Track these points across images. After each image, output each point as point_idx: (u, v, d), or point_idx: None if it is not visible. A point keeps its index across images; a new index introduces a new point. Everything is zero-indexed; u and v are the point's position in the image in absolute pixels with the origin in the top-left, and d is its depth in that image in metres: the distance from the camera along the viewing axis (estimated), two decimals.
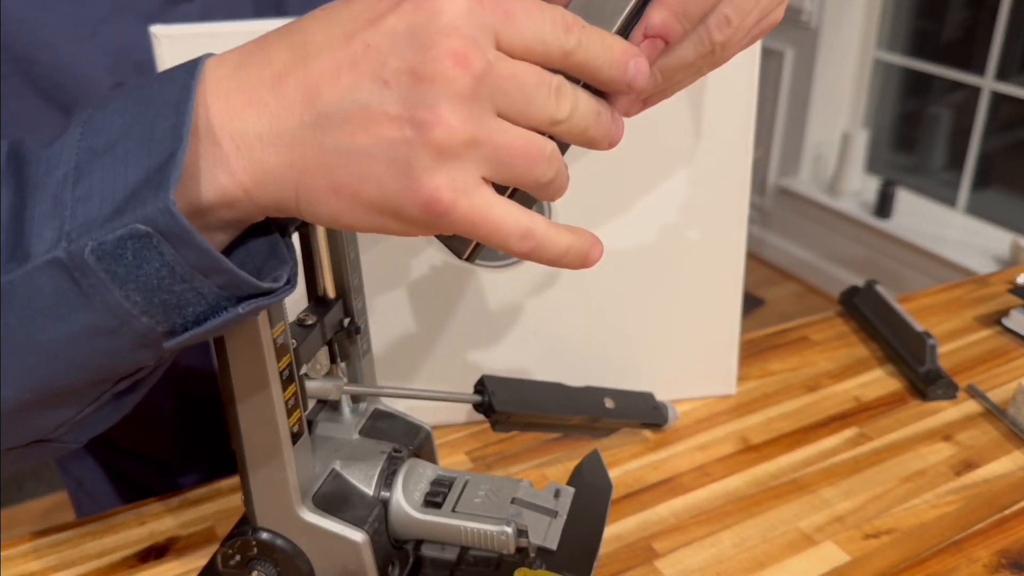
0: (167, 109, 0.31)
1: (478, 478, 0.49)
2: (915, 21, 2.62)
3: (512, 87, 0.32)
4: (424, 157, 0.31)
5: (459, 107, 0.31)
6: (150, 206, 0.30)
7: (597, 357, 0.68)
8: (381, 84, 0.31)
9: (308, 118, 0.32)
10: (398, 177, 0.32)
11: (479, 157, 0.32)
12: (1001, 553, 0.56)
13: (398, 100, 0.31)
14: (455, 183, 0.32)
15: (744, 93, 0.60)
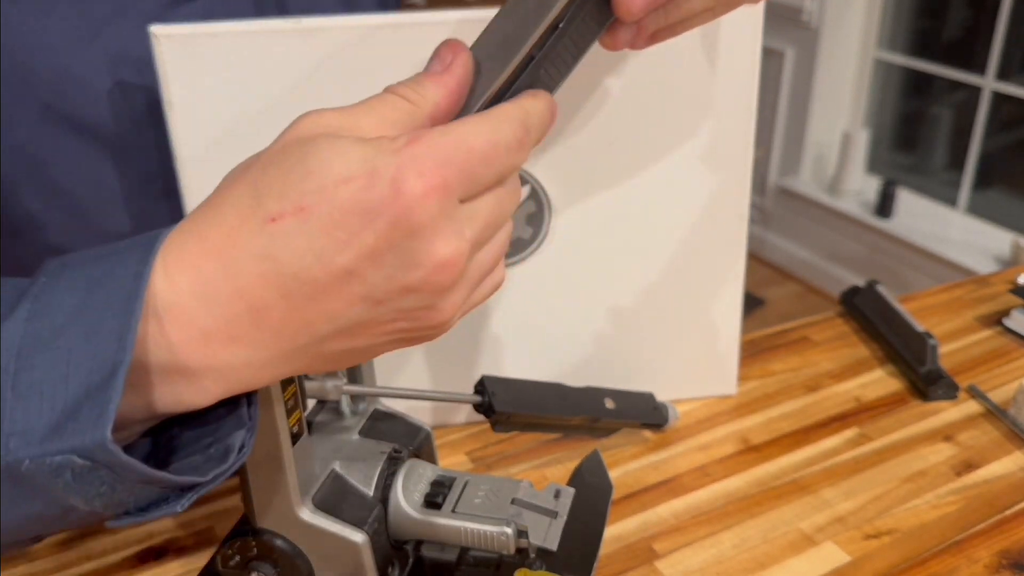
0: (117, 300, 0.30)
1: (478, 479, 0.49)
2: (916, 21, 2.62)
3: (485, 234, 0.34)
4: (425, 334, 0.34)
5: (453, 294, 0.33)
6: (87, 437, 0.29)
7: (597, 357, 0.68)
8: (373, 303, 0.31)
9: (301, 342, 0.32)
10: (401, 346, 0.34)
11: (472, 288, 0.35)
12: (1002, 554, 0.56)
13: (392, 311, 0.32)
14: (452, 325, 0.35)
15: (744, 93, 0.60)
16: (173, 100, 0.54)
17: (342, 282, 0.30)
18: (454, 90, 0.35)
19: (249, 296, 0.31)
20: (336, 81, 0.55)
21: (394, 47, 0.55)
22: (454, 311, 0.33)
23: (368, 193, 0.30)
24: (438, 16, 0.55)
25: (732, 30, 0.58)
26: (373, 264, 0.30)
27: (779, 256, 2.89)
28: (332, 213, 0.30)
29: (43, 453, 0.29)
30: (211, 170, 0.56)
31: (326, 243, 0.30)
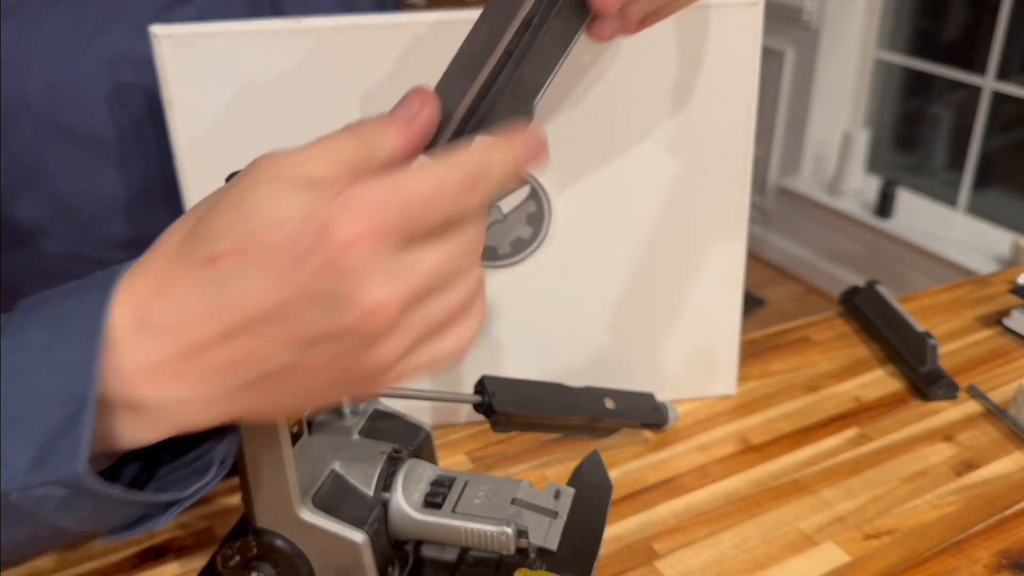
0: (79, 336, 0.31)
1: (478, 479, 0.49)
2: (916, 21, 2.62)
3: (430, 283, 0.32)
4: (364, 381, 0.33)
5: (387, 341, 0.32)
6: (66, 470, 0.31)
7: (597, 357, 0.68)
8: (303, 345, 0.31)
9: (238, 382, 0.32)
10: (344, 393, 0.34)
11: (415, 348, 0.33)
12: (1002, 554, 0.56)
13: (325, 355, 0.31)
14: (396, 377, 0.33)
15: (744, 93, 0.60)
16: (173, 100, 0.54)
17: (273, 323, 0.31)
18: (414, 140, 0.35)
19: (187, 334, 0.31)
20: (336, 81, 0.55)
21: (394, 47, 0.55)
22: (390, 361, 0.32)
23: (300, 237, 0.30)
24: (438, 16, 0.55)
25: (732, 30, 0.58)
26: (303, 306, 0.31)
27: (779, 256, 2.90)
28: (265, 255, 0.30)
29: (27, 485, 0.31)
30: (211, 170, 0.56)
31: (259, 284, 0.31)
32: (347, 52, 0.55)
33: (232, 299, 0.31)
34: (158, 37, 0.52)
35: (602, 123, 0.60)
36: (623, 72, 0.58)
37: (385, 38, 0.55)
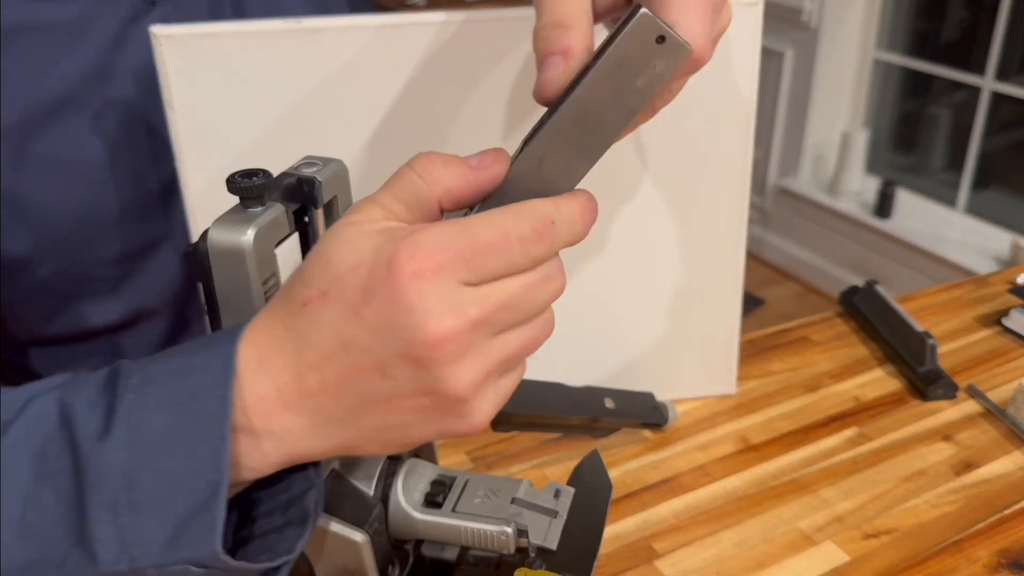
0: (207, 423, 0.34)
1: (478, 478, 0.49)
2: (915, 21, 2.62)
3: (502, 315, 0.35)
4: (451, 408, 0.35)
5: (458, 369, 0.34)
6: (201, 551, 0.33)
7: (597, 357, 0.68)
8: (387, 377, 0.34)
9: (338, 412, 0.35)
10: (436, 424, 0.36)
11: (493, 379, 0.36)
12: (1001, 553, 0.56)
13: (407, 384, 0.34)
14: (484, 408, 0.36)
15: (744, 93, 0.60)
16: (173, 100, 0.54)
17: (354, 353, 0.34)
18: (471, 185, 0.37)
19: (292, 368, 0.35)
20: (336, 81, 0.55)
21: (394, 47, 0.55)
22: (469, 388, 0.34)
23: (370, 277, 0.34)
24: (438, 16, 0.55)
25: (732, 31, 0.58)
26: (377, 338, 0.34)
27: (778, 256, 2.90)
28: (345, 296, 0.34)
29: (163, 562, 0.34)
30: (211, 170, 0.56)
31: (340, 321, 0.34)
32: (347, 52, 0.55)
33: (320, 335, 0.34)
34: (158, 37, 0.52)
35: None
36: None
37: (385, 38, 0.55)
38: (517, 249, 0.35)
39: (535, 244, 0.35)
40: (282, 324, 0.35)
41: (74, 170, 0.58)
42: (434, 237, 0.34)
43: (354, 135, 0.57)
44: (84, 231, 0.60)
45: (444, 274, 0.33)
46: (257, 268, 0.39)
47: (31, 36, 0.54)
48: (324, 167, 0.45)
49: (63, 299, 0.62)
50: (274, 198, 0.42)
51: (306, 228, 0.47)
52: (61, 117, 0.56)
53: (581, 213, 0.37)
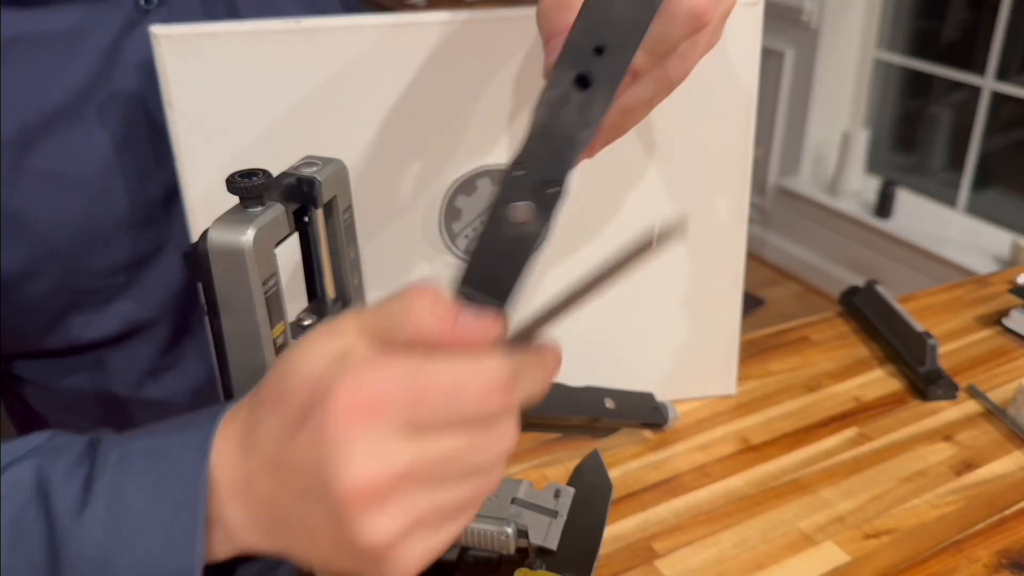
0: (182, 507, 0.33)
1: None
2: (915, 21, 2.62)
3: (437, 472, 0.32)
4: (368, 560, 0.32)
5: (378, 519, 0.31)
6: None
7: (597, 357, 0.68)
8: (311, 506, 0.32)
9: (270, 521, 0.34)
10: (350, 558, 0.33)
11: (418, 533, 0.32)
12: (1001, 553, 0.56)
13: (323, 523, 0.32)
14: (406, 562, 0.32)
15: (744, 93, 0.60)
16: (173, 101, 0.54)
17: (284, 473, 0.32)
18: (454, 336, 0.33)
19: (240, 466, 0.34)
20: (336, 81, 0.55)
21: (394, 47, 0.55)
22: (385, 541, 0.31)
23: (311, 399, 0.31)
24: (438, 16, 0.55)
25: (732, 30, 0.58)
26: (303, 467, 0.31)
27: (779, 256, 2.90)
28: (288, 410, 0.32)
29: None
30: (211, 169, 0.56)
31: (278, 436, 0.32)
32: (347, 52, 0.55)
33: (263, 443, 0.33)
34: (158, 37, 0.52)
35: None
36: None
37: (385, 38, 0.55)
38: (470, 404, 0.31)
39: (491, 399, 0.32)
40: (245, 419, 0.34)
41: (71, 182, 0.57)
42: (381, 373, 0.31)
43: (354, 135, 0.57)
44: (82, 243, 0.60)
45: (380, 417, 0.30)
46: (257, 268, 0.39)
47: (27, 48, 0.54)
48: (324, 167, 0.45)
49: (61, 311, 0.62)
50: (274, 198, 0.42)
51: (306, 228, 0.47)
52: (58, 129, 0.56)
53: (544, 370, 0.35)
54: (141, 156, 0.60)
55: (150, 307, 0.65)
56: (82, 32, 0.55)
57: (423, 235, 0.62)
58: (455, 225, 0.61)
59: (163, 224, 0.62)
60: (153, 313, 0.65)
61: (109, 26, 0.56)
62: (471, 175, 0.60)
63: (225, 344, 0.40)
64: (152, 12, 0.57)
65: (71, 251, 0.59)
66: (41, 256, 0.59)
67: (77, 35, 0.55)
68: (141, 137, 0.59)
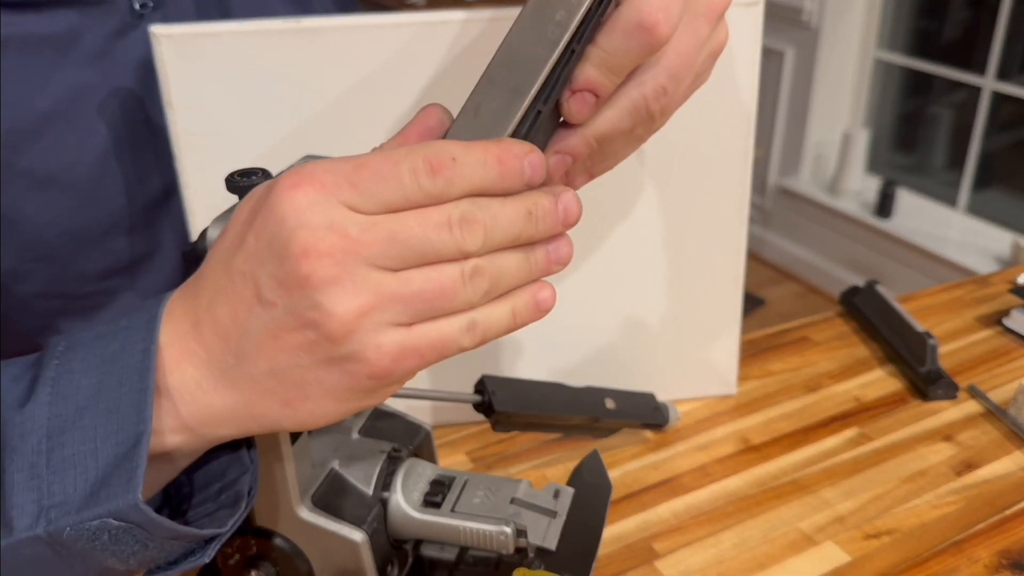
0: (130, 376, 0.33)
1: (477, 478, 0.49)
2: (916, 21, 2.62)
3: (394, 246, 0.32)
4: (337, 347, 0.32)
5: (336, 293, 0.31)
6: (120, 501, 0.32)
7: (597, 357, 0.68)
8: (266, 305, 0.32)
9: (230, 358, 0.33)
10: (331, 371, 0.33)
11: (387, 318, 0.32)
12: (1002, 553, 0.56)
13: (285, 313, 0.32)
14: (381, 350, 0.32)
15: (744, 93, 0.60)
16: (173, 100, 0.54)
17: (238, 285, 0.33)
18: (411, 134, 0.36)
19: (191, 313, 0.34)
20: (336, 81, 0.55)
21: (394, 47, 0.55)
22: (350, 316, 0.31)
23: (256, 203, 0.33)
24: (438, 16, 0.55)
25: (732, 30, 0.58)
26: (255, 260, 0.32)
27: (779, 256, 2.90)
28: (234, 228, 0.34)
29: (81, 520, 0.32)
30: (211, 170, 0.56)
31: (228, 252, 0.33)
32: (347, 52, 0.55)
33: (211, 272, 0.34)
34: (158, 37, 0.52)
35: None
36: None
37: (385, 38, 0.55)
38: (408, 179, 0.32)
39: (428, 177, 0.32)
40: (191, 285, 0.35)
41: (61, 185, 0.57)
42: (322, 164, 0.32)
43: (354, 134, 0.57)
44: (73, 246, 0.59)
45: (325, 191, 0.31)
46: None
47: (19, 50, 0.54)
48: None
49: (55, 314, 0.62)
50: None
51: None
52: (48, 132, 0.56)
53: (493, 157, 0.34)
54: (133, 160, 0.59)
55: None
56: (75, 36, 0.55)
57: None
58: None
59: (156, 228, 0.62)
60: None
61: (102, 30, 0.56)
62: None
63: None
64: (146, 17, 0.57)
65: (62, 253, 0.59)
66: (32, 258, 0.59)
67: (70, 39, 0.55)
68: (133, 141, 0.59)
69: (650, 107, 0.40)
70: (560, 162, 0.40)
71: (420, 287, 0.32)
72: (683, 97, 0.42)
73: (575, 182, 0.43)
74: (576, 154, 0.40)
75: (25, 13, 0.54)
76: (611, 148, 0.42)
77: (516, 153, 0.34)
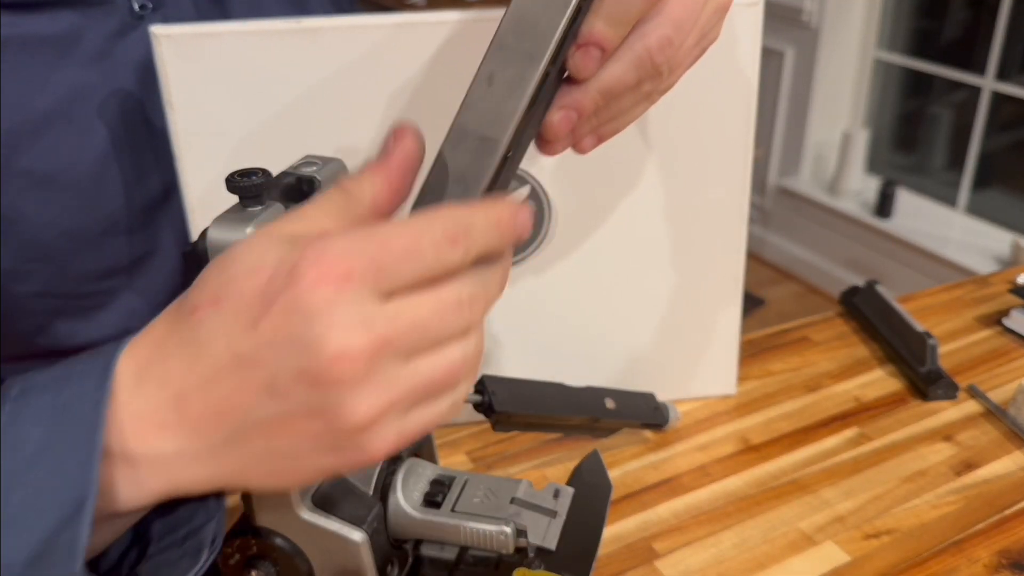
0: (79, 433, 0.31)
1: (477, 478, 0.49)
2: (915, 21, 2.62)
3: (413, 336, 0.31)
4: (346, 439, 0.31)
5: (360, 394, 0.30)
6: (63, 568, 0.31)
7: (597, 357, 0.68)
8: (278, 396, 0.31)
9: (220, 436, 0.32)
10: (328, 455, 0.32)
11: (397, 411, 0.32)
12: (1001, 553, 0.56)
13: (298, 404, 0.31)
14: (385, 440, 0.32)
15: (744, 93, 0.60)
16: (173, 101, 0.54)
17: (246, 369, 0.31)
18: (393, 178, 0.35)
19: (173, 382, 0.32)
20: (337, 81, 0.55)
21: (394, 47, 0.55)
22: (368, 417, 0.31)
23: (270, 284, 0.30)
24: (438, 16, 0.55)
25: (731, 30, 0.58)
26: (272, 351, 0.30)
27: (779, 256, 2.90)
28: (239, 303, 0.31)
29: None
30: (212, 171, 0.56)
31: (233, 331, 0.31)
32: (348, 52, 0.55)
33: (209, 346, 0.31)
34: (158, 38, 0.52)
35: None
36: None
37: (385, 39, 0.55)
38: (431, 255, 0.31)
39: (449, 249, 0.32)
40: (168, 333, 0.33)
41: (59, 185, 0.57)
42: (344, 242, 0.30)
43: (354, 135, 0.57)
44: (71, 246, 0.59)
45: (354, 283, 0.30)
46: None
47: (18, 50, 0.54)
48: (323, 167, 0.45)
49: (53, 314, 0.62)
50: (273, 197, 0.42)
51: None
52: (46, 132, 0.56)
53: (499, 219, 0.34)
54: (133, 160, 0.59)
55: (145, 311, 0.65)
56: (74, 36, 0.55)
57: None
58: None
59: (155, 228, 0.62)
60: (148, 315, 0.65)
61: (102, 31, 0.56)
62: None
63: None
64: (146, 18, 0.57)
65: (60, 254, 0.59)
66: (29, 257, 0.59)
67: (69, 39, 0.55)
68: (133, 141, 0.59)
69: (655, 59, 0.39)
70: (565, 118, 0.39)
71: (429, 376, 0.32)
72: (689, 55, 0.41)
73: (583, 144, 0.42)
74: (581, 110, 0.39)
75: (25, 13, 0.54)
76: (618, 106, 0.41)
77: (512, 214, 0.34)
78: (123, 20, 0.57)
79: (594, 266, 0.64)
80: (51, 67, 0.55)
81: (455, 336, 0.33)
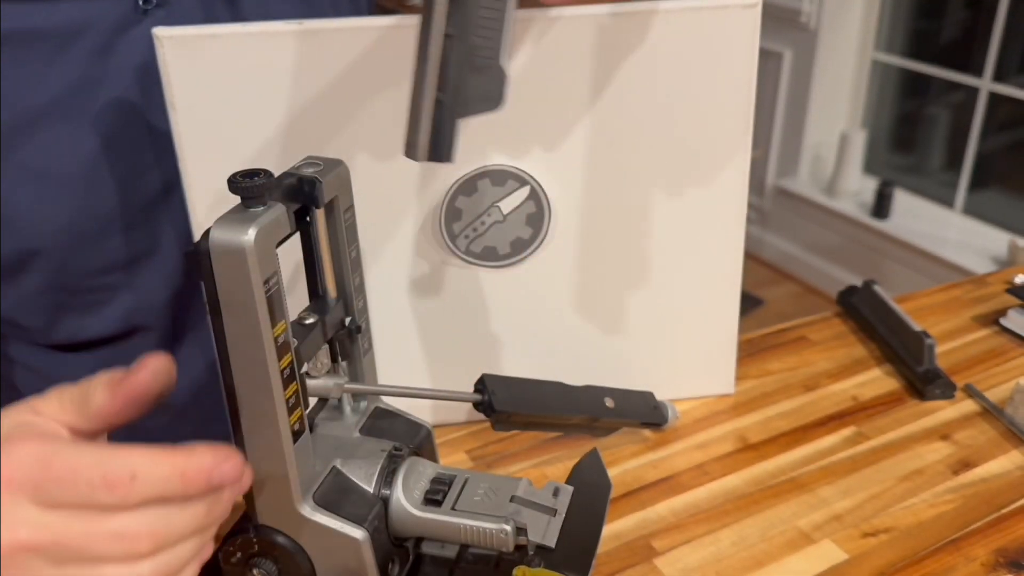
0: None
1: (478, 476, 0.50)
2: (913, 22, 2.63)
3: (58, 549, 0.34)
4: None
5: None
6: None
7: (597, 357, 0.68)
8: None
9: None
10: None
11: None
12: (998, 552, 0.56)
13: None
14: None
15: (743, 93, 0.61)
16: (175, 102, 0.54)
17: None
18: (117, 400, 0.39)
19: None
20: (338, 82, 0.56)
21: (394, 48, 0.55)
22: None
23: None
24: None
25: (730, 32, 0.59)
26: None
27: (777, 256, 2.90)
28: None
29: None
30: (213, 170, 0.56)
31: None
32: (349, 53, 0.55)
33: None
34: (161, 39, 0.53)
35: (600, 124, 0.60)
36: (622, 74, 0.59)
37: (385, 39, 0.55)
38: (84, 490, 0.35)
39: (104, 492, 0.35)
40: None
41: (57, 180, 0.57)
42: (21, 452, 0.35)
43: (355, 135, 0.58)
44: (70, 241, 0.60)
45: (11, 489, 0.34)
46: (258, 267, 0.39)
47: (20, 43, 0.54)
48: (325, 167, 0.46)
49: (57, 308, 0.62)
50: (275, 198, 0.42)
51: (307, 228, 0.47)
52: (45, 126, 0.56)
53: (178, 473, 0.36)
54: (131, 156, 0.60)
55: (147, 306, 0.65)
56: (76, 30, 0.55)
57: (423, 235, 0.62)
58: (455, 225, 0.61)
59: (155, 225, 0.62)
60: (151, 312, 0.65)
61: (104, 25, 0.56)
62: (471, 175, 0.60)
63: (227, 343, 0.41)
64: (150, 13, 0.57)
65: (59, 248, 0.60)
66: (29, 252, 0.59)
67: (71, 33, 0.55)
68: (132, 138, 0.59)
69: None
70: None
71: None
72: None
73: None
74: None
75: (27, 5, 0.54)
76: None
77: (204, 467, 0.36)
78: (126, 15, 0.57)
79: (593, 266, 0.65)
80: (52, 60, 0.55)
81: (115, 560, 0.35)
